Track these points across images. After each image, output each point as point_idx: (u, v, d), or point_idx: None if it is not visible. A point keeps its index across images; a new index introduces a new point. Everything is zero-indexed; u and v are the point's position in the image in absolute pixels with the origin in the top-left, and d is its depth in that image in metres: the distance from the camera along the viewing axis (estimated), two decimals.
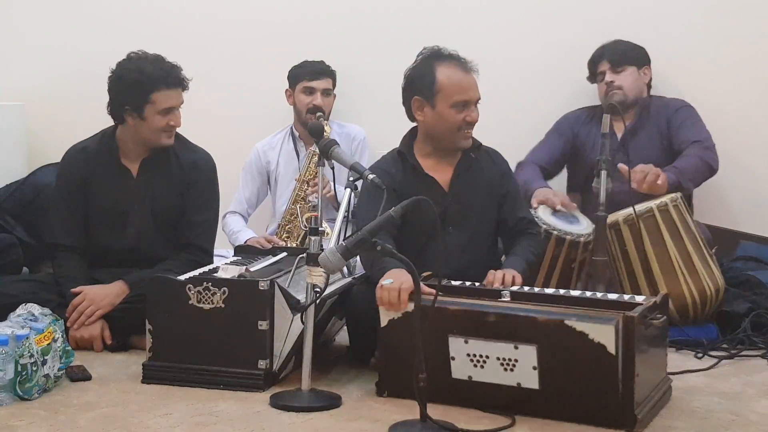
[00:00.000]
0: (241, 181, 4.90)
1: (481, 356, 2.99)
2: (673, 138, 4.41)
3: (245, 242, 4.47)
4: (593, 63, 4.57)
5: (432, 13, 5.00)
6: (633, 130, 4.42)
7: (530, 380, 2.94)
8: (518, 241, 3.65)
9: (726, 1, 4.73)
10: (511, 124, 4.76)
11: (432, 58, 3.57)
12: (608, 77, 4.47)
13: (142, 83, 3.77)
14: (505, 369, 2.96)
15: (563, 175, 4.70)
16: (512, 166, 3.91)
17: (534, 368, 2.93)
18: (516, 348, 2.94)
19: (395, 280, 3.09)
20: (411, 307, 3.03)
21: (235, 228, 4.75)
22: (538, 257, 3.71)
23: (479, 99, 3.56)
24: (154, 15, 5.26)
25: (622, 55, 4.50)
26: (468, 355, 3.00)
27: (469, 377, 3.02)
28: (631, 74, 4.47)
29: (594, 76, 4.58)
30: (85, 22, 5.33)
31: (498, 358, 2.96)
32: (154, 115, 3.80)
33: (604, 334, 2.83)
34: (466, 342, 3.00)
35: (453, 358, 3.03)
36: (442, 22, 4.95)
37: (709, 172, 4.32)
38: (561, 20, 4.88)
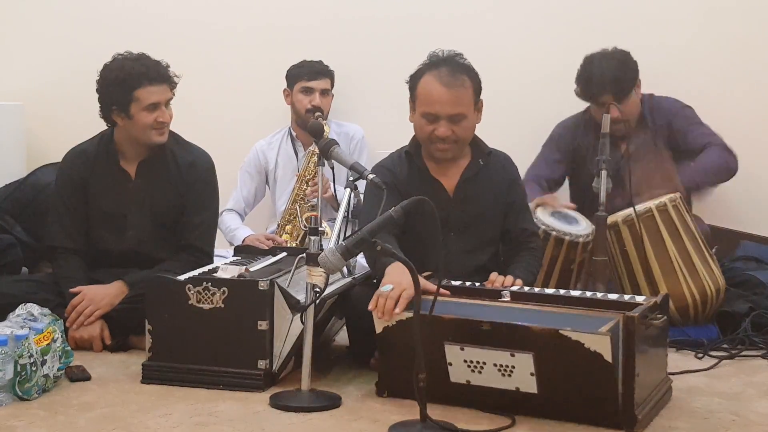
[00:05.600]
0: (239, 180, 4.91)
1: (478, 362, 2.96)
2: (680, 140, 4.41)
3: (244, 241, 4.48)
4: (593, 92, 4.29)
5: (431, 12, 5.00)
6: (635, 148, 4.40)
7: (529, 385, 2.92)
8: (518, 258, 3.59)
9: (725, 4, 4.74)
10: (512, 126, 4.76)
11: (428, 63, 3.53)
12: (613, 113, 3.98)
13: (125, 81, 3.76)
14: (503, 374, 2.94)
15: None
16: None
17: (532, 374, 2.90)
18: (512, 355, 2.91)
19: (396, 287, 3.06)
20: (404, 315, 3.01)
21: (232, 225, 4.75)
22: (536, 275, 3.64)
23: (454, 115, 3.44)
24: (153, 15, 5.27)
25: (625, 85, 4.27)
26: (465, 361, 2.98)
27: (468, 381, 3.01)
28: (633, 101, 4.37)
29: (590, 99, 4.37)
30: (85, 22, 5.34)
31: (495, 365, 2.94)
32: (140, 112, 3.78)
33: (599, 343, 2.79)
34: (462, 349, 2.98)
35: (450, 364, 3.01)
36: (440, 22, 4.96)
37: (728, 175, 4.35)
38: (562, 23, 4.89)
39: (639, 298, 3.18)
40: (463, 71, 3.50)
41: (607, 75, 4.27)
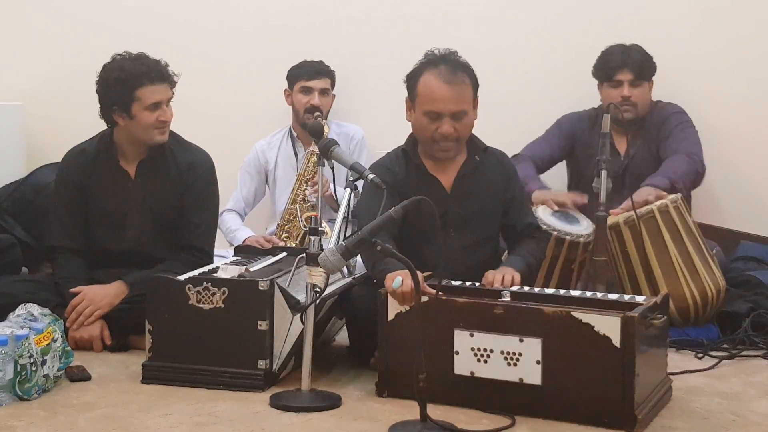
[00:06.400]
0: (239, 180, 4.90)
1: (485, 350, 3.00)
2: (660, 146, 4.41)
3: (244, 241, 4.48)
4: (611, 68, 4.40)
5: (432, 13, 5.00)
6: (635, 152, 4.43)
7: (533, 375, 2.95)
8: (521, 243, 3.64)
9: (728, 4, 4.73)
10: (513, 126, 4.76)
11: (426, 62, 3.53)
12: (626, 91, 4.36)
13: (126, 81, 3.76)
14: (509, 363, 2.97)
15: (563, 177, 4.70)
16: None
17: (537, 362, 2.93)
18: (521, 341, 2.95)
19: (405, 278, 3.07)
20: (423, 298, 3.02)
21: (232, 226, 4.75)
22: (539, 260, 3.70)
23: (457, 112, 3.45)
24: (153, 15, 5.27)
25: (644, 69, 4.39)
26: (472, 349, 3.01)
27: (472, 373, 3.03)
28: (645, 91, 4.43)
29: (605, 77, 4.43)
30: (85, 22, 5.34)
31: (502, 352, 2.98)
32: (141, 111, 3.79)
33: (610, 326, 2.85)
34: (471, 335, 3.01)
35: (457, 353, 3.03)
36: (441, 22, 4.95)
37: (696, 176, 4.32)
38: (564, 23, 4.88)
39: (639, 298, 3.19)
40: (461, 68, 3.51)
41: (630, 55, 4.42)
